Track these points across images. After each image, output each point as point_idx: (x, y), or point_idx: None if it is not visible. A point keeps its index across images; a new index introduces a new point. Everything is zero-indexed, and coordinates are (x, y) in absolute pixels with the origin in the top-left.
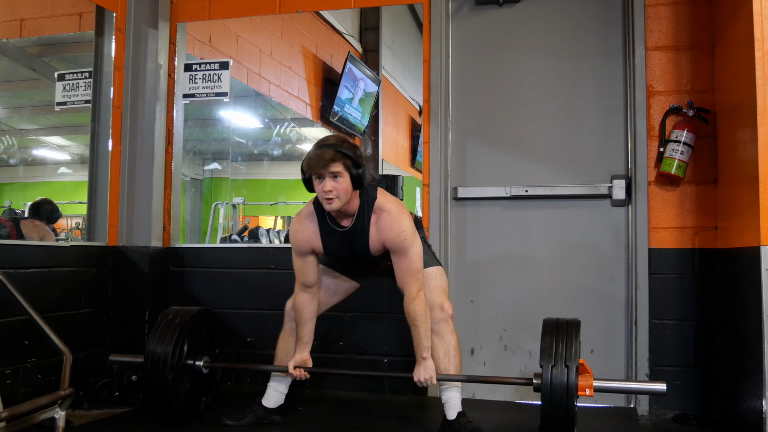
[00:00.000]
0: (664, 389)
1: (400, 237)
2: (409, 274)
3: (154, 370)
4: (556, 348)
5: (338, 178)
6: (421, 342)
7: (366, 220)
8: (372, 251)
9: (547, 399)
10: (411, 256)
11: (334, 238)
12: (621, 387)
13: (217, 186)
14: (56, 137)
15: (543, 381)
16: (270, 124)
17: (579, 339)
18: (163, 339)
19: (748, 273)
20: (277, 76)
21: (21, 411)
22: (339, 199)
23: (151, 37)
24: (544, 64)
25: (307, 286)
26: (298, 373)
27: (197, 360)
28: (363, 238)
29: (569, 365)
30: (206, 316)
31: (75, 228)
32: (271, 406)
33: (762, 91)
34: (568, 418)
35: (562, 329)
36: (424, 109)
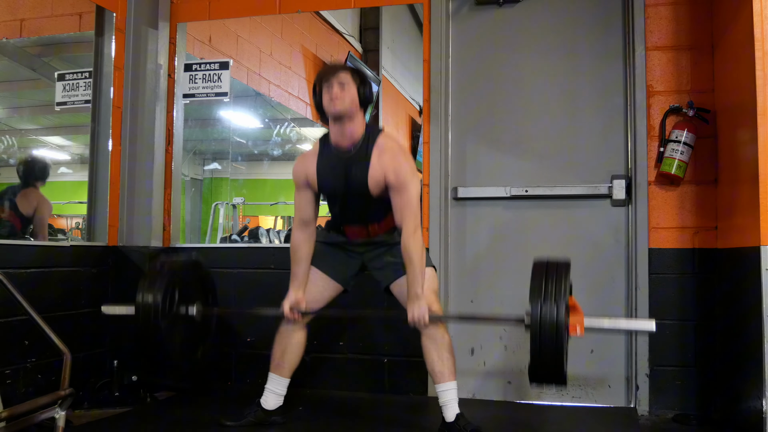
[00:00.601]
0: (653, 328)
1: (401, 170)
2: (408, 210)
3: (146, 317)
4: (546, 287)
5: (345, 88)
6: (416, 278)
7: (369, 148)
8: (370, 181)
9: (537, 337)
10: (410, 193)
11: (330, 164)
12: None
13: (217, 186)
14: (56, 137)
15: (533, 319)
16: (270, 124)
17: (569, 278)
18: (152, 287)
19: (748, 273)
20: (277, 76)
21: (21, 411)
22: (344, 103)
23: (151, 37)
24: (544, 64)
25: (303, 223)
26: (293, 314)
27: (190, 307)
28: (363, 164)
29: (558, 303)
30: (197, 264)
31: (75, 228)
32: (270, 408)
33: (762, 91)
34: (558, 356)
35: (552, 269)
36: (424, 109)
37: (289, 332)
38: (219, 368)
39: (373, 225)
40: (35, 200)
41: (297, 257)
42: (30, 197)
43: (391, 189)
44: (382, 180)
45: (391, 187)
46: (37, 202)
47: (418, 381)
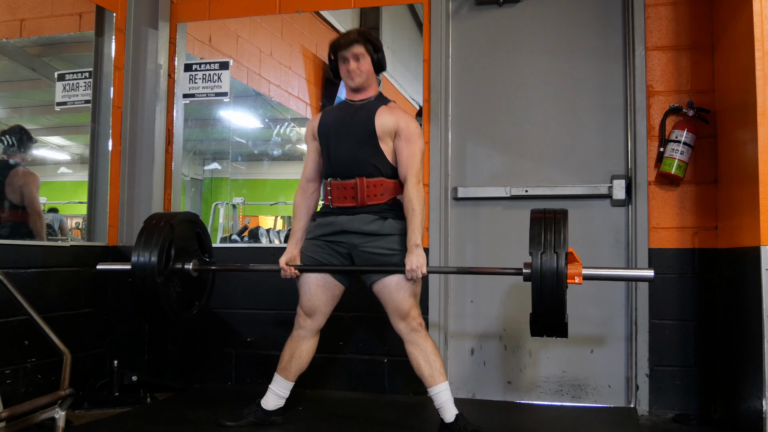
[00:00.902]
0: (652, 275)
1: (411, 124)
2: (414, 161)
3: (143, 273)
4: (545, 236)
5: (360, 60)
6: (415, 229)
7: (379, 103)
8: (377, 122)
9: (538, 286)
10: (417, 146)
11: (338, 111)
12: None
13: (217, 186)
14: (56, 137)
15: (533, 268)
16: (270, 124)
17: (567, 227)
18: (149, 243)
19: (748, 273)
20: (277, 76)
21: (21, 411)
22: (361, 77)
23: (151, 37)
24: (544, 64)
25: (306, 181)
26: (289, 270)
27: (186, 263)
28: (370, 111)
29: (558, 252)
30: (193, 220)
31: (75, 228)
32: (270, 408)
33: (762, 91)
34: (558, 304)
35: (550, 218)
36: (424, 109)
37: (301, 338)
38: (219, 368)
39: (362, 180)
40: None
41: (297, 213)
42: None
43: (399, 136)
44: (391, 126)
45: (399, 133)
46: (21, 183)
47: (419, 381)
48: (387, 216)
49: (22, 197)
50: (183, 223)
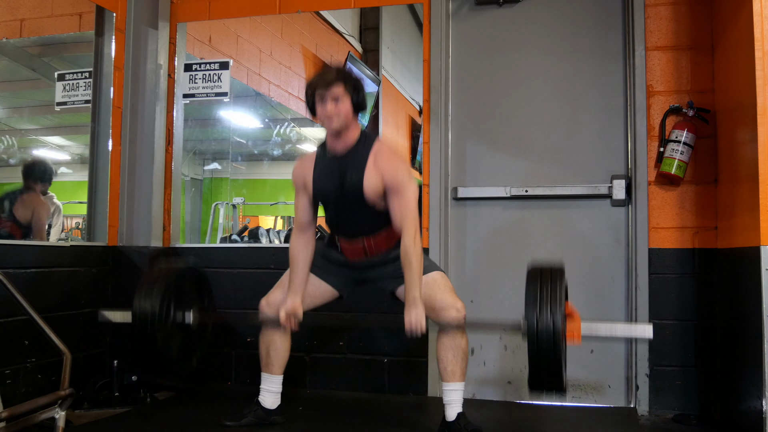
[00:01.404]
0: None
1: (398, 172)
2: (407, 213)
3: (143, 325)
4: (541, 293)
5: (339, 102)
6: (413, 283)
7: (365, 151)
8: (366, 187)
9: (534, 345)
10: (408, 195)
11: (326, 169)
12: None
13: (217, 186)
14: (56, 137)
15: (528, 326)
16: (270, 124)
17: (564, 283)
18: (149, 295)
19: (748, 273)
20: (277, 76)
21: (21, 411)
22: (339, 120)
23: (151, 37)
24: (544, 64)
25: (302, 228)
26: (288, 321)
27: (186, 314)
28: (359, 168)
29: (554, 310)
30: (192, 273)
31: (75, 228)
32: (270, 407)
33: (762, 91)
34: (555, 364)
35: (547, 274)
36: (424, 109)
37: (271, 330)
38: (219, 368)
39: (368, 240)
40: (32, 204)
41: (295, 262)
42: (26, 202)
43: (389, 192)
44: (379, 183)
45: (388, 189)
46: (34, 206)
47: (419, 381)
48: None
49: (31, 217)
50: (183, 271)
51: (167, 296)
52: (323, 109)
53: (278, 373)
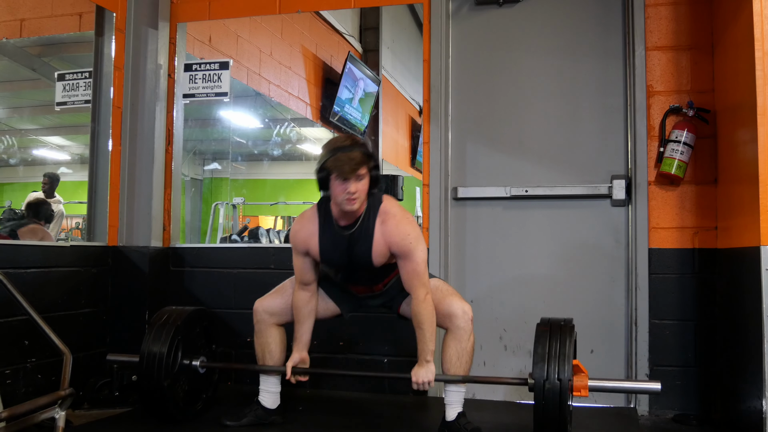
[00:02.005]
0: (659, 389)
1: (406, 240)
2: (416, 277)
3: (150, 375)
4: (550, 349)
5: (361, 180)
6: (426, 345)
7: (371, 223)
8: (374, 257)
9: (541, 399)
10: (416, 259)
11: (332, 241)
12: (615, 387)
13: (217, 186)
14: (56, 137)
15: (536, 382)
16: (270, 124)
17: (573, 339)
18: (157, 341)
19: (748, 273)
20: (277, 76)
21: (21, 411)
22: (359, 201)
23: (151, 37)
24: (544, 64)
25: (305, 285)
26: (295, 379)
27: (193, 360)
28: (366, 242)
29: (562, 366)
30: (201, 316)
31: (75, 228)
32: (270, 407)
33: (762, 91)
34: (562, 419)
35: (556, 329)
36: (424, 109)
37: (265, 330)
38: (224, 369)
39: (378, 285)
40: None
41: (299, 317)
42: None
43: (398, 257)
44: (386, 251)
45: (397, 255)
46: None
47: None
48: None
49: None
50: (191, 318)
51: (174, 342)
52: (345, 187)
53: (275, 373)
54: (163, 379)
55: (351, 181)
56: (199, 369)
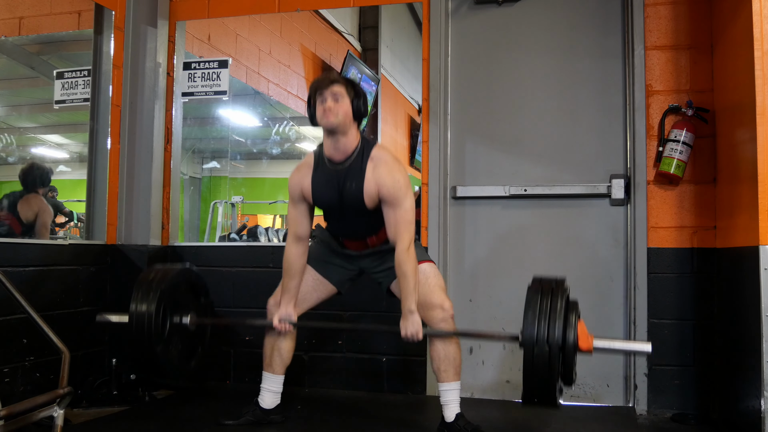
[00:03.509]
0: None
1: (395, 185)
2: (402, 225)
3: (140, 330)
4: (540, 306)
5: (339, 100)
6: (409, 294)
7: (363, 161)
8: (365, 198)
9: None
10: (404, 206)
11: (324, 178)
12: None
13: (216, 184)
14: (55, 135)
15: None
16: (269, 122)
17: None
18: (145, 299)
19: (747, 272)
20: (276, 75)
21: (19, 409)
22: (337, 117)
23: (150, 35)
24: (544, 63)
25: (298, 238)
26: (282, 326)
27: (183, 318)
28: (358, 179)
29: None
30: (188, 273)
31: (74, 226)
32: (268, 407)
33: (761, 91)
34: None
35: (548, 287)
36: (423, 108)
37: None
38: (217, 367)
39: (371, 238)
40: (37, 206)
41: (290, 272)
42: (32, 203)
43: (384, 203)
44: (376, 194)
45: (384, 201)
46: (38, 208)
47: (417, 380)
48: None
49: (34, 219)
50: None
51: (163, 299)
52: (322, 106)
53: (280, 373)
54: (153, 336)
55: (327, 97)
56: (189, 327)
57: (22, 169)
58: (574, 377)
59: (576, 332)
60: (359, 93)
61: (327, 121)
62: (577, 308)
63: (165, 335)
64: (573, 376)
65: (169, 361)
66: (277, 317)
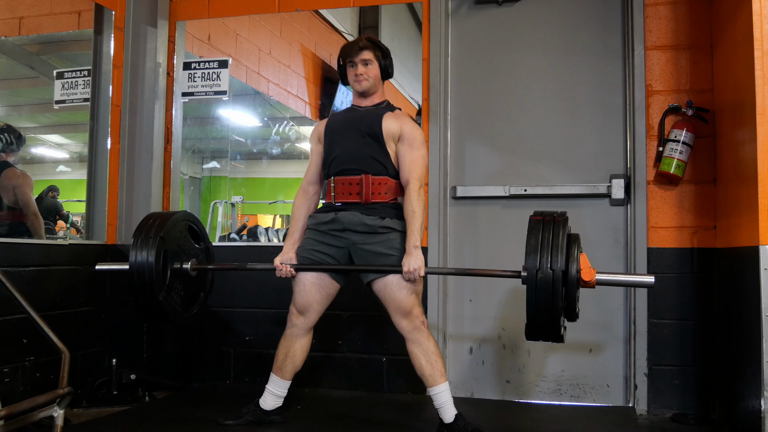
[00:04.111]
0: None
1: (416, 132)
2: (417, 166)
3: (143, 287)
4: (542, 239)
5: (369, 65)
6: (415, 231)
7: (387, 108)
8: (384, 126)
9: (533, 290)
10: (421, 152)
11: (344, 117)
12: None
13: (216, 184)
14: (55, 135)
15: (528, 273)
16: (269, 122)
17: (566, 230)
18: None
19: (747, 272)
20: (276, 75)
21: (19, 409)
22: (368, 81)
23: (150, 35)
24: (544, 63)
25: (308, 184)
26: (284, 268)
27: (184, 263)
28: (377, 116)
29: (554, 256)
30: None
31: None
32: (268, 409)
33: (761, 91)
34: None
35: (549, 220)
36: (423, 108)
37: (294, 336)
38: (218, 367)
39: (368, 177)
40: (12, 179)
41: (296, 214)
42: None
43: (403, 142)
44: (396, 130)
45: (403, 139)
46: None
47: (417, 380)
48: (388, 215)
49: (15, 198)
50: (175, 224)
51: (163, 246)
52: (353, 70)
53: (288, 378)
54: (157, 292)
55: (358, 64)
56: (190, 272)
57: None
58: (578, 312)
59: (579, 265)
60: (386, 54)
61: (360, 86)
62: (578, 241)
63: (166, 282)
64: (576, 310)
65: (171, 307)
66: (279, 259)
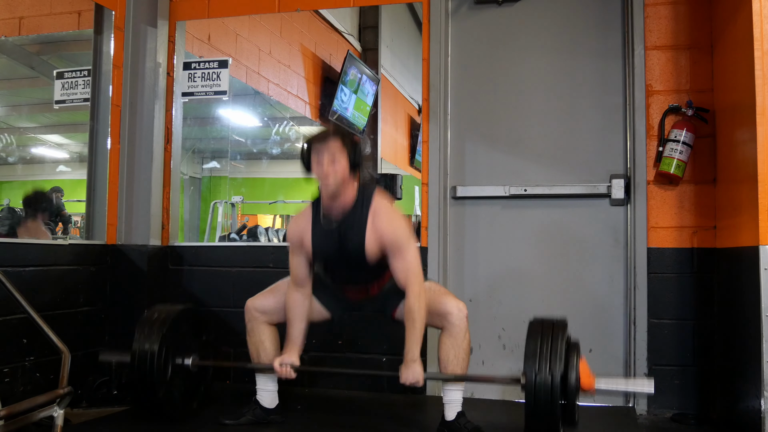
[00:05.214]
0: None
1: (398, 234)
2: (411, 273)
3: (143, 379)
4: (541, 347)
5: (335, 163)
6: (414, 344)
7: (364, 214)
8: (367, 250)
9: (531, 398)
10: (410, 254)
11: (324, 232)
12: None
13: (216, 184)
14: (55, 135)
15: (527, 380)
16: (269, 122)
17: (565, 338)
18: (148, 340)
19: (747, 272)
20: (276, 75)
21: (19, 409)
22: (335, 180)
23: (150, 35)
24: (544, 63)
25: (299, 284)
26: (285, 370)
27: (185, 359)
28: (359, 233)
29: (553, 364)
30: (191, 313)
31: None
32: (268, 406)
33: (761, 91)
34: (553, 418)
35: (548, 328)
36: (423, 108)
37: (257, 328)
38: (217, 367)
39: (373, 286)
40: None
41: (292, 316)
42: (30, 229)
43: (390, 253)
44: (377, 247)
45: (390, 251)
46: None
47: None
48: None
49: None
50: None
51: (165, 342)
52: (319, 167)
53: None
54: (157, 385)
55: (324, 158)
56: (191, 368)
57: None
58: (577, 419)
59: (578, 373)
60: (355, 146)
61: (327, 185)
62: (578, 348)
63: (167, 377)
64: (575, 417)
65: (171, 403)
66: (278, 361)
